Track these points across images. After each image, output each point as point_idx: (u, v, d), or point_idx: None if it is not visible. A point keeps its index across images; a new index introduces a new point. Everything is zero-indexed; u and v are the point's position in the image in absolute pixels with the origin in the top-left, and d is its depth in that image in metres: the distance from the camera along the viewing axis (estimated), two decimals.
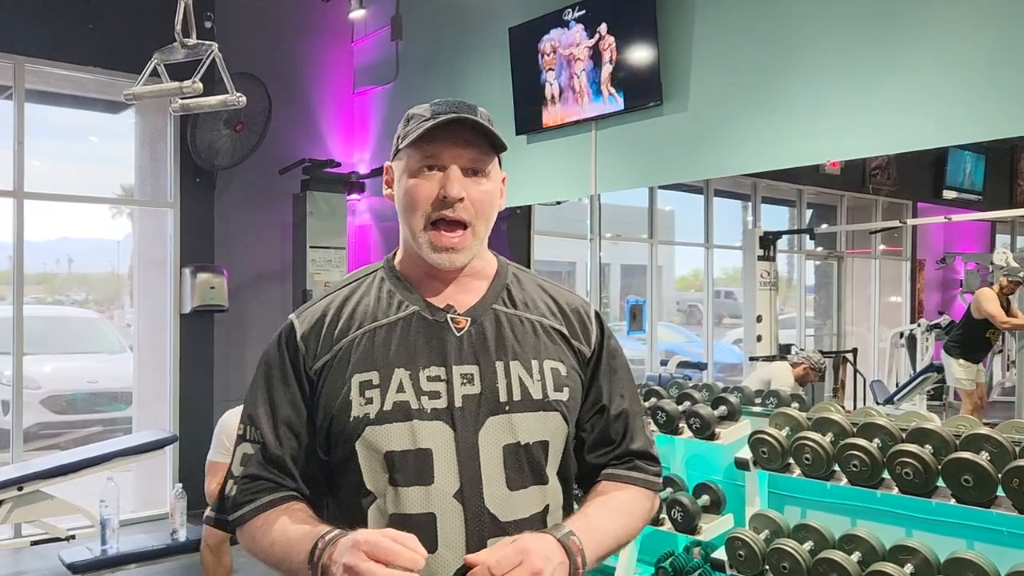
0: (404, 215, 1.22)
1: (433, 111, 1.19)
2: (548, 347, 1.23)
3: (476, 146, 1.18)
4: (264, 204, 5.77)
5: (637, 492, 1.28)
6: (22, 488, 3.79)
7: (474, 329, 1.20)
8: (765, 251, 6.05)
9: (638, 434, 1.30)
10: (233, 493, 1.21)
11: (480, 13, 5.06)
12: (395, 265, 1.28)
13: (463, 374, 1.17)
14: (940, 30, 3.10)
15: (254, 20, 5.68)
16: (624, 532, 1.23)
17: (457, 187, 1.16)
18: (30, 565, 4.45)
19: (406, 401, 1.15)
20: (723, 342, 9.06)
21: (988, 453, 2.41)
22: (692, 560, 3.25)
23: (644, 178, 4.50)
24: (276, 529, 1.16)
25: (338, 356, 1.19)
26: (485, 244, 1.25)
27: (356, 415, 1.15)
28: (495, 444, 1.15)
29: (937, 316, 7.26)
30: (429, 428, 1.14)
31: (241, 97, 3.37)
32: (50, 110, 5.79)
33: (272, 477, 1.19)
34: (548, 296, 1.28)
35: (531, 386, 1.18)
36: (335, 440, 1.17)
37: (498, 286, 1.26)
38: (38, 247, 8.80)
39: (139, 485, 5.53)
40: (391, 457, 1.13)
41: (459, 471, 1.13)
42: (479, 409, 1.16)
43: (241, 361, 5.69)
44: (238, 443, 1.23)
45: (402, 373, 1.16)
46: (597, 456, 1.28)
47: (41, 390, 7.00)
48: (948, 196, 8.15)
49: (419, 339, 1.18)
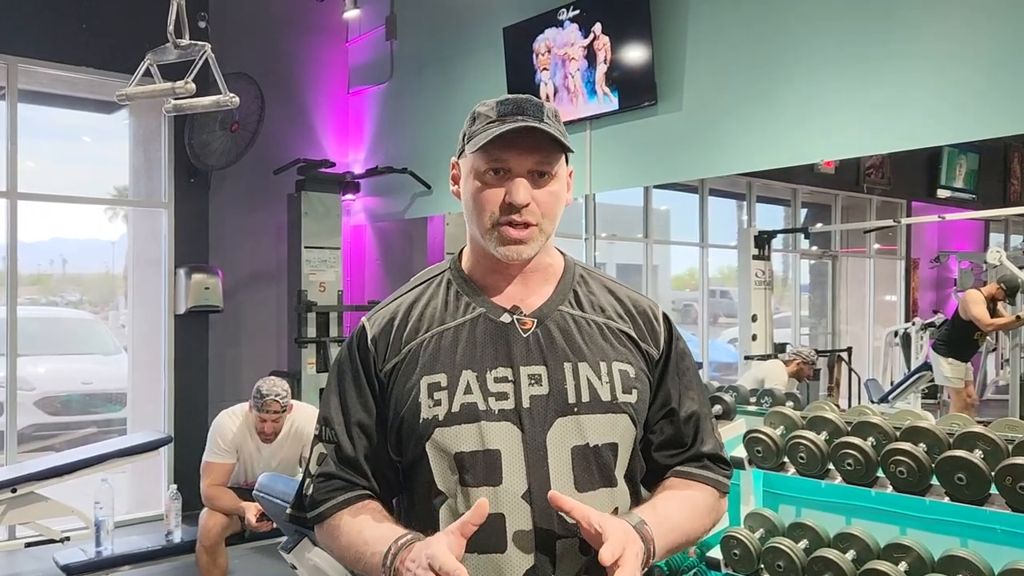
0: (471, 217, 1.21)
1: (499, 112, 1.17)
2: (616, 349, 1.22)
3: (543, 150, 1.17)
4: (259, 204, 5.76)
5: (706, 490, 1.27)
6: (16, 490, 3.79)
7: (540, 331, 1.20)
8: (760, 250, 6.05)
9: (708, 436, 1.29)
10: (310, 492, 1.24)
11: (475, 13, 5.06)
12: (461, 266, 1.27)
13: (531, 375, 1.17)
14: (933, 30, 3.10)
15: (248, 20, 5.67)
16: (692, 528, 1.22)
17: (523, 193, 1.15)
18: (25, 567, 4.44)
19: (474, 403, 1.15)
20: (719, 341, 9.07)
21: (981, 451, 2.41)
22: (688, 559, 3.25)
23: (639, 178, 4.50)
24: (352, 529, 1.19)
25: (407, 358, 1.20)
26: (552, 240, 1.25)
27: (425, 417, 1.16)
28: (564, 445, 1.15)
29: (931, 315, 7.28)
30: (497, 429, 1.14)
31: (234, 97, 3.36)
32: (44, 110, 5.77)
33: (346, 476, 1.22)
34: (615, 298, 1.28)
35: (599, 388, 1.18)
36: (406, 441, 1.19)
37: (564, 287, 1.26)
38: (32, 248, 8.77)
39: (134, 486, 5.51)
40: (460, 458, 1.14)
41: (527, 472, 1.13)
42: (547, 410, 1.15)
43: (236, 362, 5.68)
44: (314, 443, 1.26)
45: (469, 375, 1.17)
46: (667, 457, 1.27)
47: (35, 391, 6.97)
48: (942, 195, 8.16)
49: (486, 341, 1.19)
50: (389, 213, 5.97)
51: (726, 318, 9.55)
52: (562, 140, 1.17)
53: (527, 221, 1.17)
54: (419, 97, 5.53)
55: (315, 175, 5.62)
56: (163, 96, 3.32)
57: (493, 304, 1.22)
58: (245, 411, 3.74)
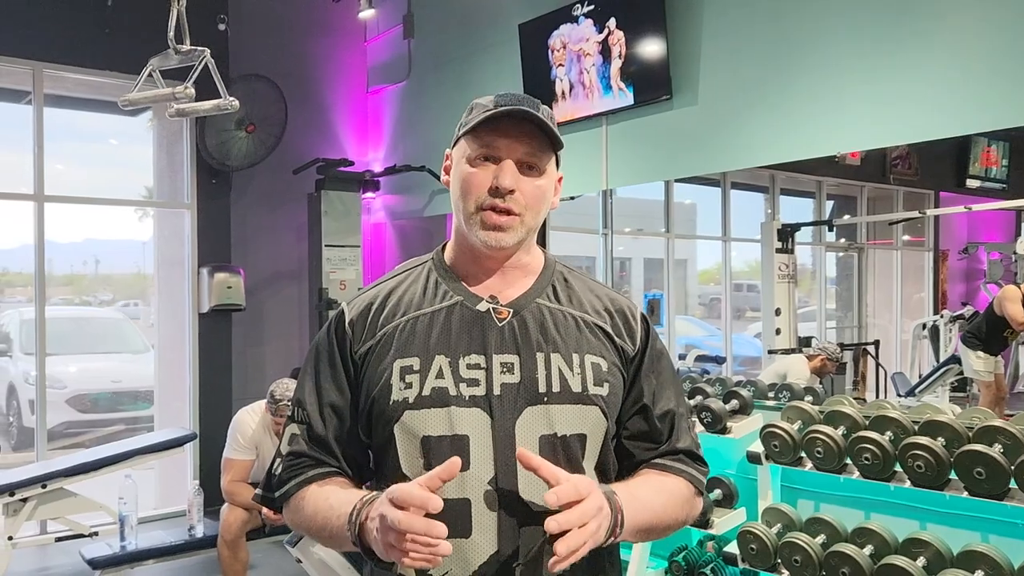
0: (457, 201, 1.22)
1: (496, 102, 1.19)
2: (590, 342, 1.23)
3: (533, 141, 1.19)
4: (279, 204, 5.81)
5: (680, 482, 1.26)
6: (46, 486, 3.87)
7: (516, 321, 1.21)
8: (783, 244, 5.99)
9: (684, 435, 1.29)
10: (279, 471, 1.24)
11: (490, 10, 5.06)
12: (444, 257, 1.29)
13: (503, 363, 1.18)
14: (951, 18, 3.05)
15: (267, 22, 5.73)
16: (665, 514, 1.22)
17: (509, 178, 1.17)
18: (54, 561, 4.54)
19: (445, 387, 1.16)
20: (744, 335, 9.00)
21: (1001, 445, 2.38)
22: (705, 554, 3.24)
23: (655, 172, 4.48)
24: (319, 497, 1.19)
25: (382, 341, 1.21)
26: (534, 239, 1.26)
27: (395, 399, 1.17)
28: (532, 434, 1.15)
29: (960, 307, 7.16)
30: (466, 415, 1.15)
31: (234, 101, 3.41)
32: (70, 114, 5.88)
33: (316, 455, 1.22)
34: (594, 295, 1.29)
35: (571, 379, 1.18)
36: (375, 423, 1.19)
37: (543, 282, 1.26)
38: (65, 249, 8.93)
39: (161, 483, 5.61)
40: (428, 442, 1.15)
41: (495, 459, 1.14)
42: (517, 398, 1.16)
43: (259, 359, 5.75)
44: (286, 424, 1.27)
45: (442, 360, 1.17)
46: (642, 451, 1.27)
47: (67, 389, 7.13)
48: (971, 185, 8.02)
49: (461, 328, 1.20)
50: (408, 211, 6.00)
51: (752, 312, 9.47)
52: (553, 133, 1.19)
53: (510, 208, 1.18)
54: (436, 95, 5.55)
55: (335, 174, 5.66)
56: (164, 100, 3.38)
57: (471, 292, 1.23)
58: (263, 409, 3.78)
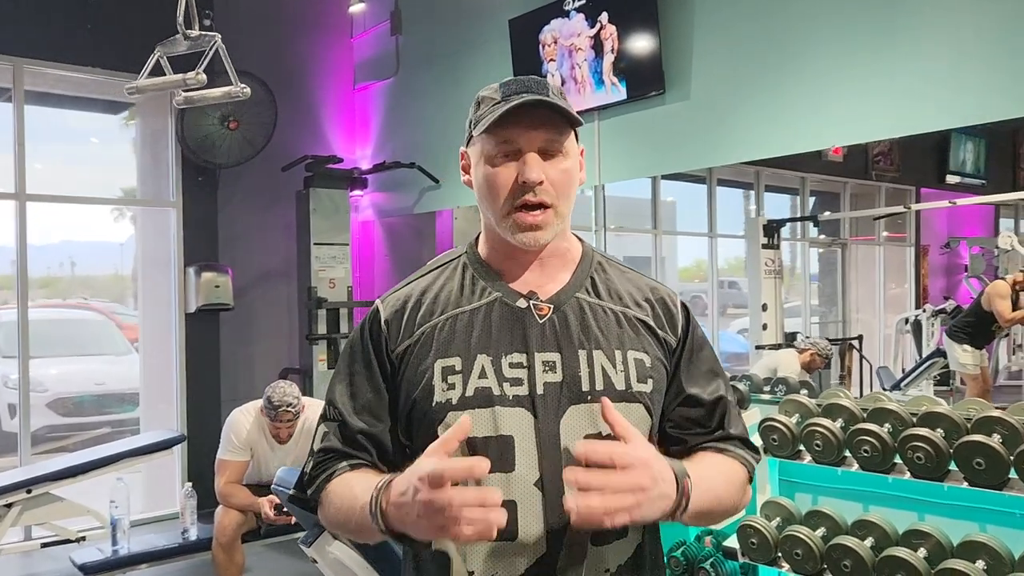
0: (485, 203, 1.19)
1: (504, 93, 1.16)
2: (632, 338, 1.20)
3: (551, 126, 1.15)
4: (267, 202, 5.76)
5: (737, 465, 1.23)
6: (31, 491, 3.79)
7: (556, 317, 1.18)
8: (769, 239, 6.03)
9: (735, 421, 1.26)
10: (309, 468, 1.22)
11: (480, 5, 5.04)
12: (478, 251, 1.26)
13: (545, 361, 1.15)
14: (938, 14, 3.08)
15: (253, 17, 5.66)
16: (726, 496, 1.18)
17: (536, 171, 1.14)
18: (42, 567, 4.46)
19: (488, 387, 1.14)
20: (728, 332, 9.05)
21: (1000, 436, 2.40)
22: (704, 549, 3.24)
23: (648, 167, 4.48)
24: (345, 487, 1.16)
25: (420, 340, 1.18)
26: (568, 224, 1.23)
27: (439, 400, 1.14)
28: (577, 434, 1.13)
29: (942, 301, 7.24)
30: (510, 415, 1.13)
31: (245, 88, 3.34)
32: (50, 112, 5.78)
33: (347, 450, 1.19)
34: (633, 286, 1.26)
35: (614, 376, 1.16)
36: (417, 425, 1.17)
37: (582, 274, 1.24)
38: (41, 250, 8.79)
39: (148, 485, 5.53)
40: (473, 443, 1.12)
41: (539, 459, 1.12)
42: (561, 397, 1.14)
43: (248, 359, 5.69)
44: (318, 424, 1.24)
45: (484, 359, 1.15)
46: (693, 436, 1.23)
47: (48, 393, 7.00)
48: (951, 181, 8.11)
49: (502, 325, 1.17)
50: (397, 208, 5.96)
51: (734, 308, 9.52)
52: (569, 112, 1.15)
53: (542, 201, 1.15)
54: (425, 91, 5.52)
55: (323, 171, 5.61)
56: (174, 88, 3.29)
57: (509, 289, 1.21)
58: (257, 409, 3.74)
